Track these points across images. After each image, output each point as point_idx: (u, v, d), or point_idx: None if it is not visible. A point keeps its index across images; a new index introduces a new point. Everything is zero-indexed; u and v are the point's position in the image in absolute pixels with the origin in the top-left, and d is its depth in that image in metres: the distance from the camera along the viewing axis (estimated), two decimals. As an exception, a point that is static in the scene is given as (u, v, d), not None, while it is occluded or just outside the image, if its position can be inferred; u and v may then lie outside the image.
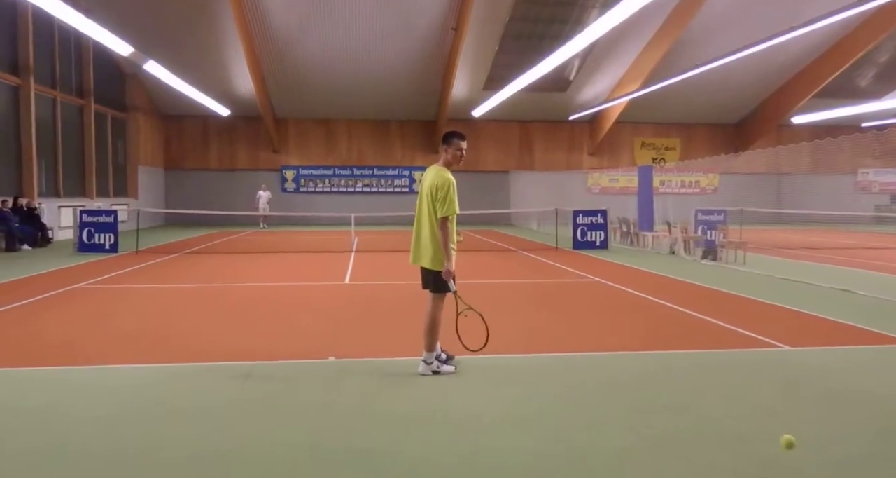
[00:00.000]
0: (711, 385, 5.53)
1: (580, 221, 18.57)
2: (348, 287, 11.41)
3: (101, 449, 4.12)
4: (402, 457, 4.02)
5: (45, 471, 3.83)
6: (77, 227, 16.91)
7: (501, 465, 3.91)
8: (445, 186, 5.59)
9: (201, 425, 4.55)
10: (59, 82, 23.12)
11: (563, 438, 4.35)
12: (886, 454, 4.11)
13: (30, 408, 4.91)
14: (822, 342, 7.19)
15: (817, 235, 24.94)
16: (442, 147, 5.87)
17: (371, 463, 3.93)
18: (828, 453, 4.11)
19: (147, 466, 3.89)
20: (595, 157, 34.67)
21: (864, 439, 4.35)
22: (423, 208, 5.77)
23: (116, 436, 4.34)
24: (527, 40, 26.40)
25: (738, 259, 14.82)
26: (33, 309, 8.94)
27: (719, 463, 3.94)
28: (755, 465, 3.91)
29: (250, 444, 4.22)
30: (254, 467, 3.88)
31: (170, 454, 4.05)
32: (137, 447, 4.15)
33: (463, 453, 4.09)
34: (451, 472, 3.83)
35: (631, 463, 3.95)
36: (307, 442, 4.25)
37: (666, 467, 3.88)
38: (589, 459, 4.02)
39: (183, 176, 32.45)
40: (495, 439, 4.32)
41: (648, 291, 10.71)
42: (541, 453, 4.08)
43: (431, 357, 5.80)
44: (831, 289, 10.77)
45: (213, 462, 3.95)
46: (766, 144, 31.87)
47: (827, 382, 5.66)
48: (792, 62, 29.14)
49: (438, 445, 4.22)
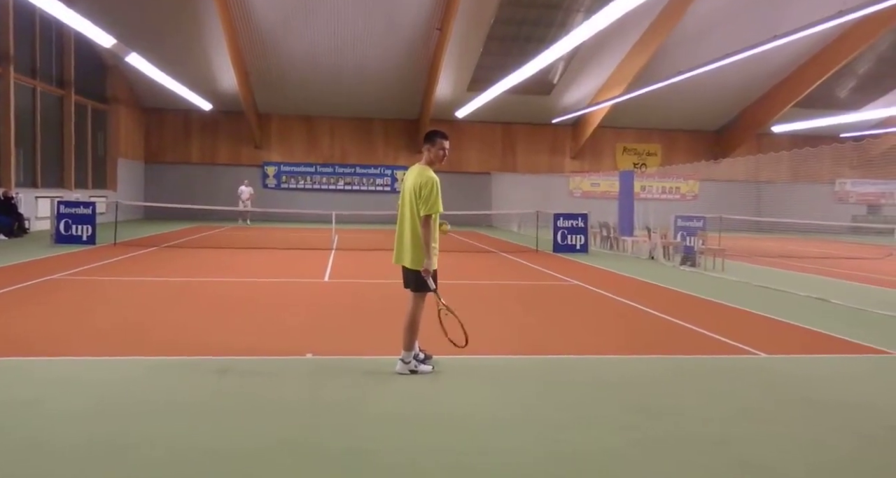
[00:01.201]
0: (691, 389, 5.57)
1: (561, 225, 18.62)
2: (328, 285, 11.36)
3: (75, 445, 4.06)
4: (382, 457, 4.00)
5: (20, 467, 3.76)
6: (54, 218, 16.71)
7: (484, 465, 3.90)
8: (429, 185, 5.58)
9: (177, 422, 4.50)
10: (40, 72, 22.82)
11: (547, 438, 4.35)
12: (862, 461, 4.16)
13: (7, 399, 4.83)
14: (798, 350, 7.27)
15: (795, 243, 25.21)
16: (425, 146, 5.86)
17: (349, 462, 3.91)
18: (805, 457, 4.15)
19: (123, 462, 3.83)
20: (577, 160, 34.82)
21: (841, 445, 4.39)
22: (406, 208, 5.75)
23: (92, 432, 4.28)
24: (511, 42, 26.47)
25: (716, 266, 14.94)
26: (8, 299, 8.80)
27: (699, 464, 3.97)
28: (734, 467, 3.94)
29: (226, 440, 4.18)
30: (228, 463, 3.85)
31: (145, 451, 3.99)
32: (113, 443, 4.09)
33: (444, 453, 4.07)
34: (433, 472, 3.82)
35: (614, 464, 3.97)
36: (284, 439, 4.22)
37: (648, 468, 3.90)
38: (572, 459, 4.03)
39: (163, 169, 32.14)
40: (478, 439, 4.32)
41: (628, 295, 10.76)
42: (524, 454, 4.08)
43: (409, 356, 5.78)
44: (808, 298, 10.88)
45: (189, 458, 3.90)
46: (745, 152, 32.16)
47: (803, 389, 5.71)
48: (773, 71, 29.44)
49: (419, 445, 4.21)
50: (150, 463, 3.82)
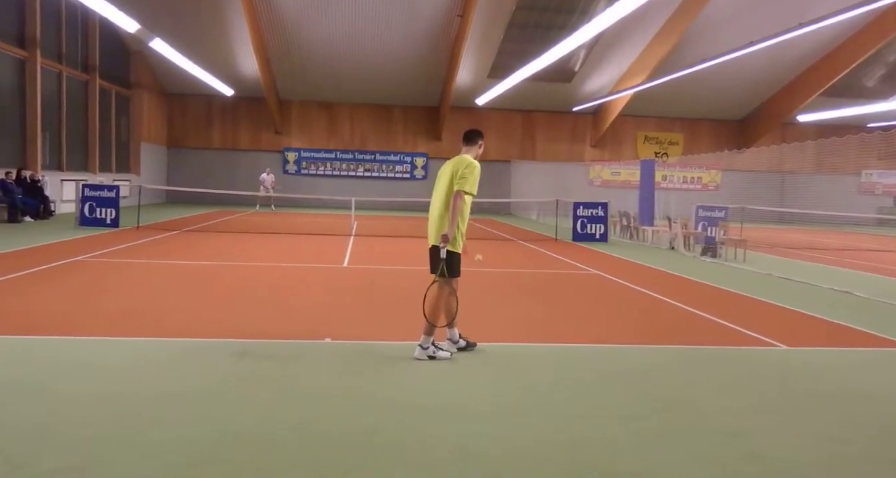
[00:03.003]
0: (706, 380, 5.55)
1: (580, 213, 18.55)
2: (346, 270, 11.42)
3: (93, 426, 4.12)
4: (395, 442, 4.03)
5: (33, 443, 3.82)
6: (79, 200, 16.92)
7: (495, 452, 3.92)
8: (472, 165, 5.85)
9: (193, 403, 4.55)
10: (65, 57, 23.04)
11: (558, 426, 4.36)
12: (882, 455, 4.12)
13: (24, 379, 4.91)
14: (819, 343, 7.20)
15: (818, 235, 24.93)
16: (466, 146, 6.10)
17: (363, 446, 3.94)
18: (822, 449, 4.12)
19: (137, 444, 3.88)
20: (597, 149, 34.61)
21: (860, 438, 4.35)
22: (439, 191, 5.93)
23: (109, 412, 4.34)
24: (533, 29, 26.28)
25: (737, 257, 14.81)
26: (32, 280, 8.94)
27: (709, 456, 3.95)
28: (744, 459, 3.92)
29: (241, 423, 4.22)
30: (243, 445, 3.88)
31: (160, 432, 4.04)
32: (128, 425, 4.14)
33: (456, 439, 4.10)
34: (444, 457, 3.84)
35: (624, 452, 3.97)
36: (300, 422, 4.26)
37: (658, 458, 3.90)
38: (583, 447, 4.03)
39: (185, 154, 32.39)
40: (489, 426, 4.33)
41: (647, 285, 10.71)
42: (534, 441, 4.09)
43: (428, 342, 5.80)
44: (831, 290, 10.77)
45: (202, 440, 3.94)
46: (769, 142, 31.76)
47: (823, 381, 5.67)
48: (799, 59, 29.01)
49: (432, 430, 4.23)
50: (165, 445, 3.86)
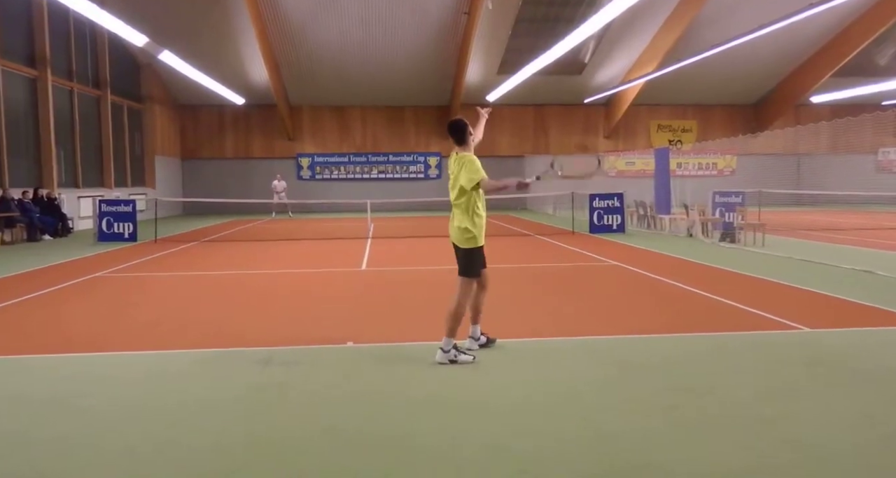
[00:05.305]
0: (733, 367, 5.50)
1: (596, 205, 18.48)
2: (365, 273, 11.43)
3: (123, 437, 4.15)
4: (424, 442, 4.03)
5: (68, 460, 3.86)
6: (97, 216, 17.06)
7: (525, 449, 3.90)
8: (472, 160, 5.83)
9: (222, 412, 4.58)
10: (76, 74, 23.24)
11: (588, 421, 4.33)
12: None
13: (52, 396, 4.95)
14: (843, 324, 7.12)
15: (837, 216, 24.68)
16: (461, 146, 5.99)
17: (392, 448, 3.94)
18: (853, 433, 4.07)
19: (168, 454, 3.91)
20: (611, 140, 34.45)
21: (891, 419, 4.29)
22: (454, 190, 5.92)
23: (138, 424, 4.37)
24: (541, 23, 26.19)
25: (756, 241, 14.69)
26: (55, 297, 9.03)
27: (744, 444, 3.91)
28: (779, 445, 3.88)
29: (270, 429, 4.24)
30: (274, 452, 3.90)
31: (192, 441, 4.07)
32: (159, 436, 4.17)
33: (486, 436, 4.08)
34: (474, 456, 3.83)
35: (656, 445, 3.93)
36: (327, 427, 4.26)
37: (692, 449, 3.86)
38: (613, 441, 4.00)
39: (199, 165, 32.61)
40: (518, 422, 4.32)
41: (667, 274, 10.64)
42: (565, 437, 4.07)
43: (450, 344, 5.69)
44: (852, 270, 10.66)
45: (234, 448, 3.96)
46: (784, 125, 31.47)
47: (850, 362, 5.61)
48: (810, 40, 28.71)
49: (458, 429, 4.22)
50: (199, 453, 3.89)
